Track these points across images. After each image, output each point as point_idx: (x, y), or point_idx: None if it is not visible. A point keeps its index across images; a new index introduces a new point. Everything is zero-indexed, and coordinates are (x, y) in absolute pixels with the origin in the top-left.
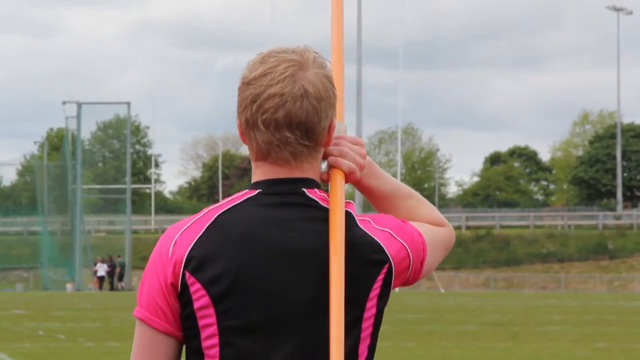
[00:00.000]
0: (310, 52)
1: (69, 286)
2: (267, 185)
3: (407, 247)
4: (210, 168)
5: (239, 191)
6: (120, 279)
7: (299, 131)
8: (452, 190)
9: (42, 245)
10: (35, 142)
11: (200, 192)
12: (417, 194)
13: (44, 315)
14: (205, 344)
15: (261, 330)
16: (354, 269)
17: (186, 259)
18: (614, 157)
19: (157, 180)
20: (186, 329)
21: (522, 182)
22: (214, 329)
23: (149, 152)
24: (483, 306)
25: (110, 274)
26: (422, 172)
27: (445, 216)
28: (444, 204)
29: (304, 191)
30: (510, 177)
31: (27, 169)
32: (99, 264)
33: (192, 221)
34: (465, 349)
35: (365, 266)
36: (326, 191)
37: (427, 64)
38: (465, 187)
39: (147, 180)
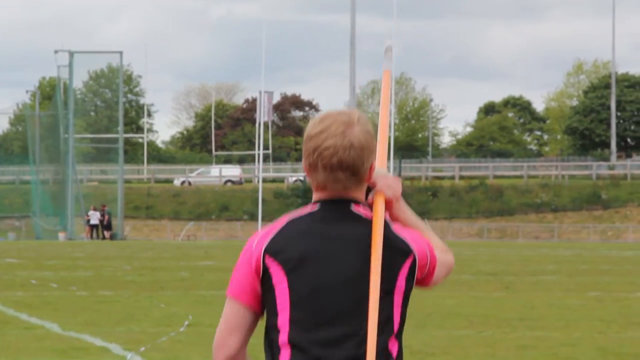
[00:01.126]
0: (356, 113)
1: (61, 235)
2: (325, 202)
3: (427, 252)
4: (203, 118)
5: (234, 142)
6: (108, 228)
7: (348, 172)
8: (445, 140)
9: (34, 195)
10: (27, 91)
11: (193, 142)
12: (430, 230)
13: (37, 264)
14: (279, 307)
15: (320, 293)
16: (387, 256)
17: (265, 249)
18: (608, 107)
19: (150, 130)
20: (266, 301)
21: (516, 132)
22: (286, 295)
23: (142, 101)
24: (476, 256)
25: (103, 222)
26: (416, 122)
27: (439, 166)
28: (437, 154)
29: (351, 206)
30: (504, 127)
31: (19, 118)
32: (91, 212)
33: (272, 225)
34: (458, 298)
35: (396, 254)
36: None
37: (422, 13)
38: (459, 137)
39: (139, 129)
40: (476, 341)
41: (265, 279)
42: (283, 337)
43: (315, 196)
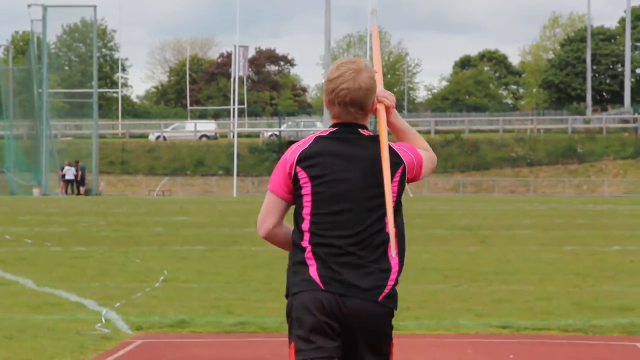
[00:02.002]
0: (363, 62)
1: (35, 191)
2: (341, 126)
3: (413, 158)
4: (178, 72)
5: (209, 97)
6: (82, 184)
7: (357, 107)
8: (421, 94)
9: (8, 150)
10: (0, 46)
11: (168, 97)
12: (416, 132)
13: (11, 220)
14: (304, 201)
15: (335, 197)
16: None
17: (297, 159)
18: (584, 61)
19: (124, 85)
20: (296, 196)
21: (492, 86)
22: (310, 195)
23: (116, 56)
24: (452, 210)
25: (77, 178)
26: (392, 77)
27: (415, 121)
28: (413, 108)
29: (359, 130)
30: (480, 81)
31: None
32: (67, 168)
33: (304, 140)
34: (434, 253)
35: (392, 164)
36: (370, 131)
37: None
38: (435, 91)
39: (114, 84)
40: (452, 295)
41: (295, 180)
42: (305, 225)
43: (332, 122)
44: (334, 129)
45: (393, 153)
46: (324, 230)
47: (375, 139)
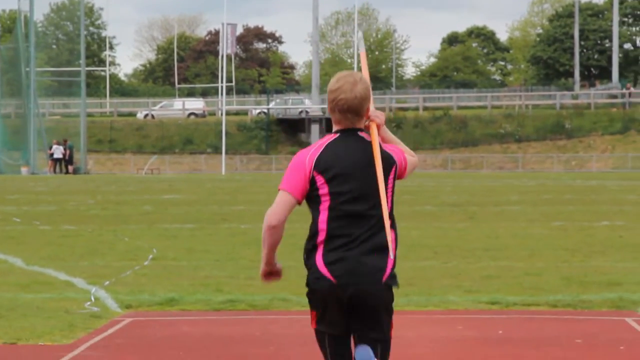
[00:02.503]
0: (359, 75)
1: (23, 170)
2: (342, 132)
3: (402, 159)
4: (165, 50)
5: (197, 75)
6: (70, 162)
7: (354, 113)
8: (409, 71)
9: None
10: None
11: (156, 75)
12: (402, 143)
13: None
14: (322, 199)
15: (348, 193)
16: (383, 166)
17: (314, 165)
18: (572, 37)
19: (112, 63)
20: (313, 195)
21: (479, 62)
22: (327, 195)
23: (103, 34)
24: (440, 187)
25: (65, 157)
26: (380, 54)
27: (403, 97)
28: (401, 85)
29: (357, 132)
30: (467, 57)
31: None
32: (54, 146)
33: (315, 147)
34: (422, 229)
35: (387, 165)
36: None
37: None
38: (423, 68)
39: (101, 62)
40: (441, 272)
41: (313, 183)
42: (323, 217)
43: (334, 127)
44: (337, 135)
45: (387, 155)
46: (338, 221)
47: (366, 137)
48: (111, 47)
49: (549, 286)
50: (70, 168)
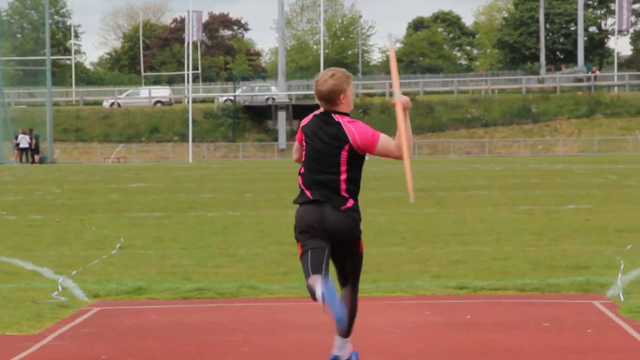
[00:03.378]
0: (333, 71)
1: None
2: (322, 111)
3: (360, 140)
4: (131, 38)
5: (163, 62)
6: (36, 152)
7: (325, 101)
8: (375, 57)
9: None
10: None
11: (122, 63)
12: (405, 132)
13: None
14: (304, 144)
15: (314, 150)
16: (335, 141)
17: (302, 127)
18: (538, 20)
19: (77, 52)
20: (302, 140)
21: (445, 47)
22: (304, 147)
23: (68, 22)
24: None
25: (31, 146)
26: (346, 40)
27: (369, 84)
28: (367, 70)
29: (331, 114)
30: (433, 42)
31: None
32: (20, 136)
33: (309, 116)
34: (390, 215)
35: (339, 141)
36: (344, 114)
37: None
38: (389, 53)
39: (67, 51)
40: (409, 257)
41: (301, 137)
42: (302, 169)
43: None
44: (319, 111)
45: (343, 132)
46: (308, 169)
47: (340, 119)
48: (76, 36)
49: (517, 270)
50: (36, 157)
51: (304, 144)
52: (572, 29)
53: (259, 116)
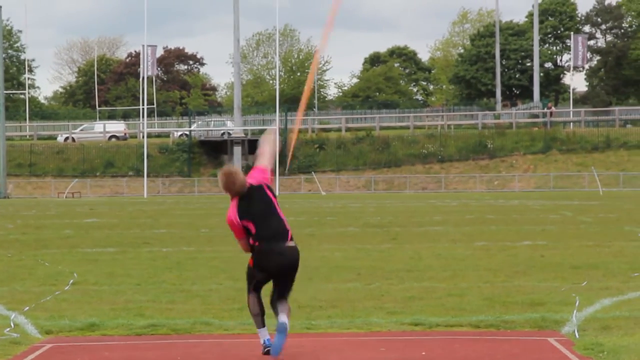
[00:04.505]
0: (229, 174)
1: None
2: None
3: (259, 177)
4: (85, 73)
5: (117, 97)
6: None
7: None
8: (331, 92)
9: None
10: None
11: (76, 97)
12: (270, 154)
13: None
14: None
15: (263, 220)
16: (263, 194)
17: (240, 219)
18: (494, 56)
19: (31, 86)
20: (248, 231)
21: (402, 82)
22: (254, 227)
23: (22, 57)
24: (364, 208)
25: None
26: (301, 74)
27: (325, 118)
28: (323, 106)
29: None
30: (389, 77)
31: None
32: None
33: (231, 208)
34: (345, 251)
35: (265, 191)
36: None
37: None
38: (345, 88)
39: (20, 85)
40: (364, 293)
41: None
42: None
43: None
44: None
45: (260, 188)
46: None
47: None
48: (30, 70)
49: (472, 307)
50: None
51: (254, 224)
52: (528, 64)
53: (214, 151)
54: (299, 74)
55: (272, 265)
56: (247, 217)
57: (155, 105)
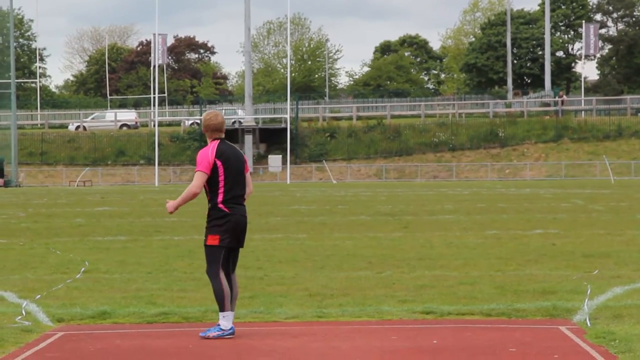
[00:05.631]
0: (214, 112)
1: None
2: (223, 139)
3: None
4: (96, 61)
5: (128, 86)
6: (1, 175)
7: (222, 131)
8: (342, 80)
9: None
10: None
11: (87, 86)
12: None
13: None
14: (220, 179)
15: (235, 176)
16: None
17: (215, 156)
18: (505, 45)
19: (43, 75)
20: (213, 173)
21: (412, 71)
22: (223, 172)
23: (33, 45)
24: (375, 196)
25: None
26: (312, 63)
27: (336, 107)
28: (334, 94)
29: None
30: (401, 66)
31: None
32: None
33: (210, 147)
34: (357, 239)
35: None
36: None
37: None
38: (356, 77)
39: (32, 74)
40: (375, 282)
41: (216, 165)
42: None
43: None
44: (221, 140)
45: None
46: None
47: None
48: (42, 59)
49: (483, 295)
50: (1, 181)
51: (223, 168)
52: (540, 53)
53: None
54: (309, 62)
55: (240, 229)
56: (222, 159)
57: (166, 94)
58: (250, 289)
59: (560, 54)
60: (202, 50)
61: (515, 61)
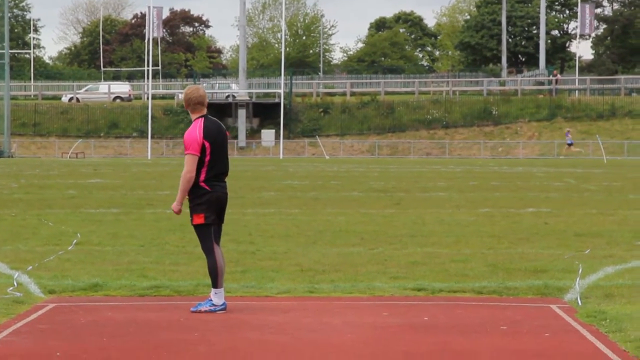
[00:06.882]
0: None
1: None
2: (207, 115)
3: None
4: (90, 33)
5: (122, 58)
6: None
7: (204, 104)
8: (337, 56)
9: None
10: None
11: (81, 58)
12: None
13: None
14: (206, 159)
15: (219, 154)
16: None
17: (204, 137)
18: (500, 23)
19: (37, 46)
20: (201, 153)
21: (407, 48)
22: (210, 153)
23: (28, 16)
24: (367, 172)
25: None
26: (307, 38)
27: (330, 82)
28: (328, 70)
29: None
30: (395, 43)
31: None
32: None
33: (197, 127)
34: (349, 215)
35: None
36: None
37: None
38: (350, 53)
39: (26, 45)
40: (367, 258)
41: (204, 146)
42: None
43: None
44: (206, 116)
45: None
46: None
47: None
48: (36, 30)
49: (475, 273)
50: None
51: (211, 149)
52: (534, 32)
53: (218, 113)
54: (304, 37)
55: (220, 205)
56: (210, 140)
57: (160, 67)
58: (242, 263)
59: (555, 32)
60: (196, 24)
61: (510, 39)
